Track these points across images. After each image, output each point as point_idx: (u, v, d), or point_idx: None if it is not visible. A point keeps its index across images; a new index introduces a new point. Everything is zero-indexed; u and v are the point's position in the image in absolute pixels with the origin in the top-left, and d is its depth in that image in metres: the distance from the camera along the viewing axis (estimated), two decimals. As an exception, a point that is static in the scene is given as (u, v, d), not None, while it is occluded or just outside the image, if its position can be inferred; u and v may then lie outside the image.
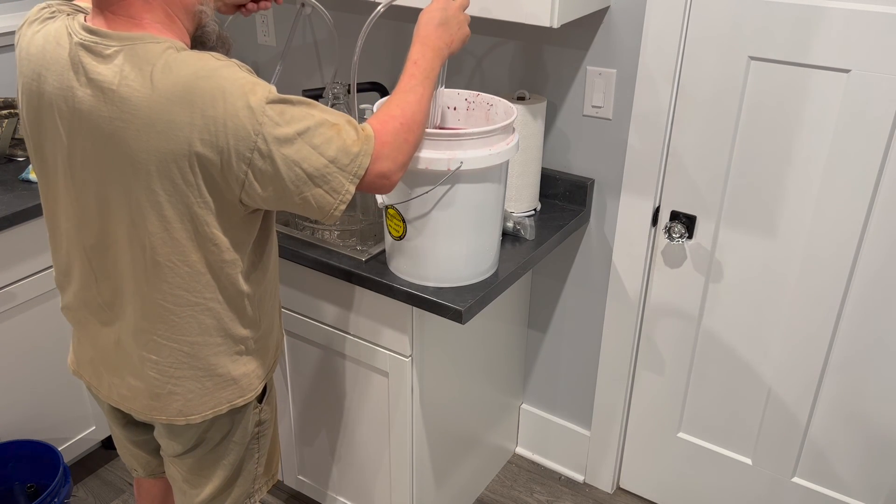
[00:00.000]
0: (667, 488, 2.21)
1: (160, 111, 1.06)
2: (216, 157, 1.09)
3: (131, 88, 1.06)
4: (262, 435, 1.47)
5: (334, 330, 1.79)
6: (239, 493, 1.49)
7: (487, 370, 2.06)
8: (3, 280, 1.90)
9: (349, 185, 1.17)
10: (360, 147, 1.17)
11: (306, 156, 1.12)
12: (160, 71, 1.06)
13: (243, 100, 1.07)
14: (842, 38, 1.53)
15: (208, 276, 1.21)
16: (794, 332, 1.81)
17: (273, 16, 2.32)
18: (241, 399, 1.35)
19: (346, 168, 1.16)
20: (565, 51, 1.85)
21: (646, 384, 2.11)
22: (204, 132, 1.07)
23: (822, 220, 1.68)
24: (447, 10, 1.36)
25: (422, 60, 1.31)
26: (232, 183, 1.12)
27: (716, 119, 1.73)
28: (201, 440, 1.38)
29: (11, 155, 2.11)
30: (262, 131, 1.08)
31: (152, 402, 1.31)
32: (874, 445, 1.83)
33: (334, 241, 1.84)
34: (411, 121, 1.25)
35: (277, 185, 1.13)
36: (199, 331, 1.26)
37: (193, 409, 1.32)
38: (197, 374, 1.29)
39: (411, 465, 1.83)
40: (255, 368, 1.36)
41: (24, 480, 2.00)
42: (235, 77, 1.09)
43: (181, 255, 1.18)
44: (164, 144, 1.07)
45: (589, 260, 2.03)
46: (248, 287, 1.28)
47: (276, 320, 1.44)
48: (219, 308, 1.25)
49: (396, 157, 1.23)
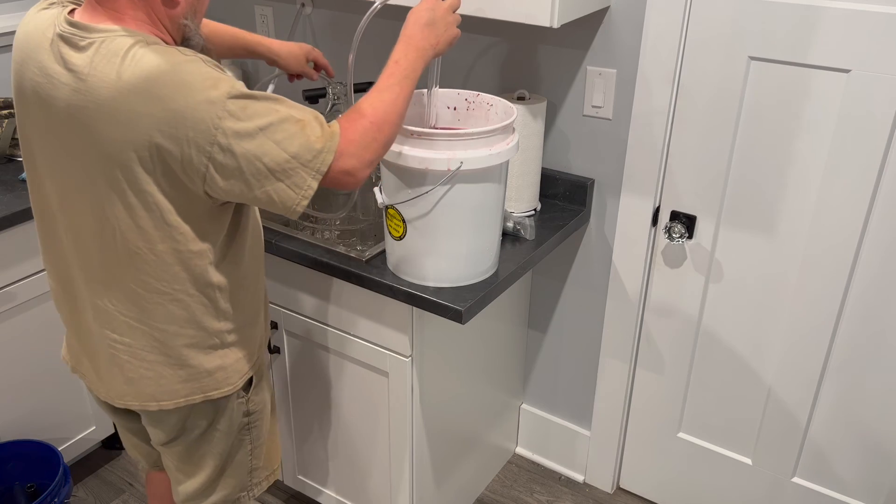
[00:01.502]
0: (667, 488, 2.21)
1: (123, 101, 1.09)
2: (176, 150, 1.11)
3: (98, 78, 1.10)
4: (252, 426, 1.48)
5: (334, 330, 1.79)
6: (233, 483, 1.50)
7: (487, 370, 2.06)
8: (3, 280, 1.90)
9: (311, 181, 1.18)
10: (324, 144, 1.18)
11: (267, 150, 1.14)
12: (127, 63, 1.09)
13: (204, 94, 1.10)
14: (842, 38, 1.53)
15: (176, 266, 1.23)
16: (794, 332, 1.81)
17: (273, 16, 2.32)
18: (216, 392, 1.36)
19: (308, 164, 1.17)
20: (565, 51, 1.85)
21: (646, 384, 2.11)
22: (164, 124, 1.10)
23: (822, 220, 1.68)
24: (435, 11, 1.36)
25: (403, 60, 1.31)
26: (193, 175, 1.14)
27: (716, 119, 1.73)
28: (184, 428, 1.40)
29: (11, 155, 2.11)
30: (221, 125, 1.10)
31: (126, 387, 1.34)
32: (874, 445, 1.83)
33: (334, 241, 1.84)
34: (382, 120, 1.25)
35: (238, 178, 1.15)
36: (169, 320, 1.28)
37: (165, 395, 1.33)
38: (169, 360, 1.31)
39: (411, 465, 1.83)
40: (233, 362, 1.37)
41: (24, 480, 2.00)
42: (198, 71, 1.11)
43: (148, 244, 1.20)
44: (127, 134, 1.11)
45: (589, 260, 2.03)
46: (220, 279, 1.29)
47: (259, 315, 1.44)
48: (188, 300, 1.27)
49: (362, 156, 1.23)
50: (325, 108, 1.97)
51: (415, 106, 1.62)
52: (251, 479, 1.53)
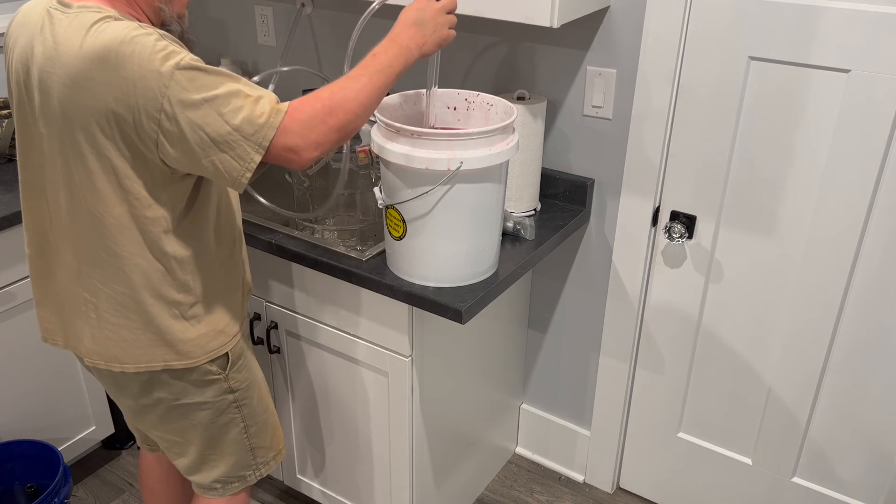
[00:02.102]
0: (667, 488, 2.21)
1: (83, 69, 1.16)
2: (129, 116, 1.17)
3: (66, 48, 1.17)
4: (241, 404, 1.50)
5: (334, 330, 1.79)
6: (233, 461, 1.55)
7: (487, 370, 2.06)
8: (3, 280, 1.90)
9: (254, 154, 1.21)
10: (267, 119, 1.21)
11: (211, 122, 1.18)
12: (90, 34, 1.16)
13: (153, 64, 1.15)
14: (842, 38, 1.53)
15: (133, 230, 1.28)
16: (794, 332, 1.81)
17: (273, 16, 2.32)
18: (178, 363, 1.39)
19: (250, 137, 1.20)
20: (565, 51, 1.85)
21: (646, 384, 2.11)
22: (118, 91, 1.16)
23: (823, 220, 1.68)
24: (424, 11, 1.36)
25: (382, 55, 1.32)
26: (147, 141, 1.20)
27: (716, 119, 1.73)
28: (146, 398, 1.43)
29: (11, 155, 2.11)
30: (167, 93, 1.15)
31: (93, 345, 1.38)
32: (874, 445, 1.83)
33: (334, 241, 1.84)
34: (337, 105, 1.26)
35: (184, 146, 1.20)
36: (128, 285, 1.32)
37: (128, 358, 1.37)
38: (130, 324, 1.35)
39: (411, 465, 1.83)
40: (195, 337, 1.39)
41: (24, 480, 2.00)
42: (152, 44, 1.16)
43: (106, 207, 1.26)
44: (87, 101, 1.17)
45: (589, 260, 2.03)
46: (176, 249, 1.33)
47: (232, 296, 1.46)
48: (146, 266, 1.31)
49: (307, 135, 1.24)
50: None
51: (415, 105, 1.63)
52: (254, 457, 1.57)
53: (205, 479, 1.56)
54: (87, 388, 2.18)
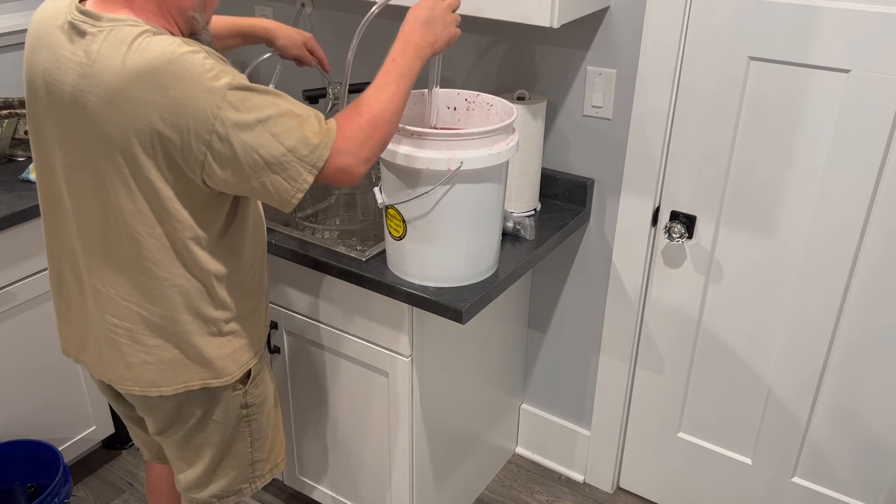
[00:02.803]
0: (667, 488, 2.21)
1: (127, 88, 1.12)
2: (176, 137, 1.14)
3: (104, 65, 1.13)
4: (251, 419, 1.49)
5: (334, 330, 1.79)
6: (234, 474, 1.52)
7: (487, 370, 2.06)
8: (3, 280, 1.90)
9: (307, 174, 1.20)
10: (321, 139, 1.20)
11: (264, 142, 1.16)
12: (133, 50, 1.12)
13: (205, 84, 1.12)
14: (842, 38, 1.53)
15: (174, 251, 1.26)
16: (794, 332, 1.82)
17: (273, 16, 2.32)
18: (215, 381, 1.38)
19: (304, 158, 1.19)
20: (565, 51, 1.85)
21: (646, 384, 2.11)
22: (165, 112, 1.12)
23: (822, 219, 1.68)
24: (434, 10, 1.37)
25: (401, 58, 1.32)
26: (192, 163, 1.17)
27: (716, 119, 1.73)
28: (178, 416, 1.41)
29: (11, 155, 2.11)
30: (220, 115, 1.13)
31: (126, 371, 1.35)
32: (874, 445, 1.83)
33: (334, 241, 1.84)
34: (378, 118, 1.26)
35: (235, 168, 1.17)
36: (167, 305, 1.30)
37: (164, 381, 1.35)
38: (167, 346, 1.33)
39: (411, 465, 1.83)
40: (230, 352, 1.38)
41: (24, 480, 2.00)
42: (201, 61, 1.13)
43: (147, 228, 1.23)
44: (130, 120, 1.13)
45: (589, 260, 2.03)
46: (217, 267, 1.31)
47: (259, 309, 1.46)
48: (186, 285, 1.29)
49: (358, 153, 1.25)
50: (324, 108, 1.98)
51: (415, 105, 1.63)
52: (253, 470, 1.55)
53: (204, 494, 1.52)
54: (87, 388, 2.18)
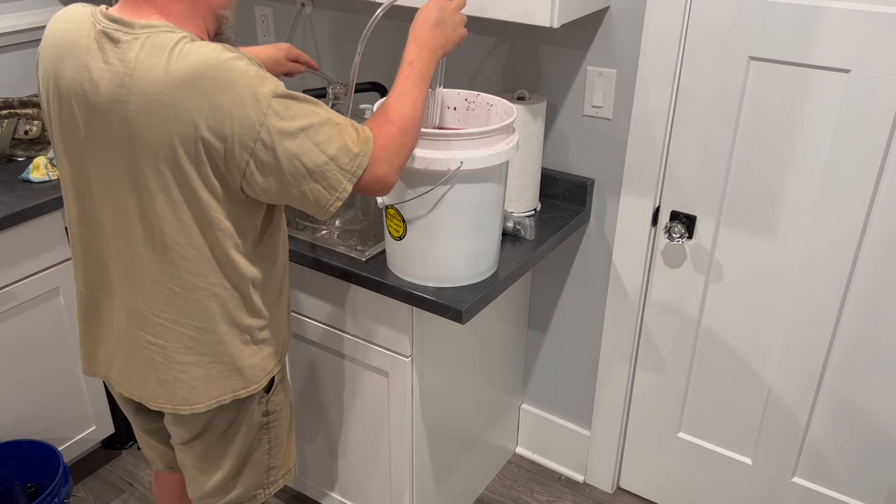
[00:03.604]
0: (667, 488, 2.21)
1: (170, 95, 1.10)
2: (220, 144, 1.13)
3: (145, 73, 1.11)
4: (271, 426, 1.49)
5: (334, 330, 1.79)
6: (250, 482, 1.51)
7: (487, 370, 2.06)
8: (3, 280, 1.90)
9: (347, 183, 1.21)
10: (361, 148, 1.21)
11: (307, 151, 1.16)
12: (174, 57, 1.10)
13: (250, 90, 1.11)
14: (842, 38, 1.53)
15: (214, 261, 1.25)
16: (794, 332, 1.81)
17: (273, 16, 2.32)
18: (244, 390, 1.38)
19: (345, 167, 1.20)
20: (565, 51, 1.85)
21: (646, 384, 2.11)
22: (210, 118, 1.11)
23: (822, 220, 1.68)
24: (443, 11, 1.37)
25: (417, 62, 1.33)
26: (234, 170, 1.16)
27: (716, 119, 1.73)
28: (207, 428, 1.41)
29: (11, 155, 2.11)
30: (266, 122, 1.12)
31: (159, 388, 1.34)
32: (874, 445, 1.83)
33: (334, 241, 1.84)
34: (407, 125, 1.28)
35: (277, 176, 1.17)
36: (204, 316, 1.29)
37: (198, 398, 1.34)
38: (202, 360, 1.32)
39: (411, 465, 1.83)
40: (260, 360, 1.38)
41: (24, 480, 2.00)
42: (245, 69, 1.12)
43: (188, 238, 1.21)
44: (173, 127, 1.12)
45: (589, 260, 2.03)
46: (254, 275, 1.31)
47: (285, 315, 1.46)
48: (224, 294, 1.28)
49: (393, 162, 1.26)
50: (325, 108, 1.97)
51: (415, 106, 1.62)
52: (268, 477, 1.55)
53: (220, 502, 1.51)
54: (87, 388, 2.18)
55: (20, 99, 2.12)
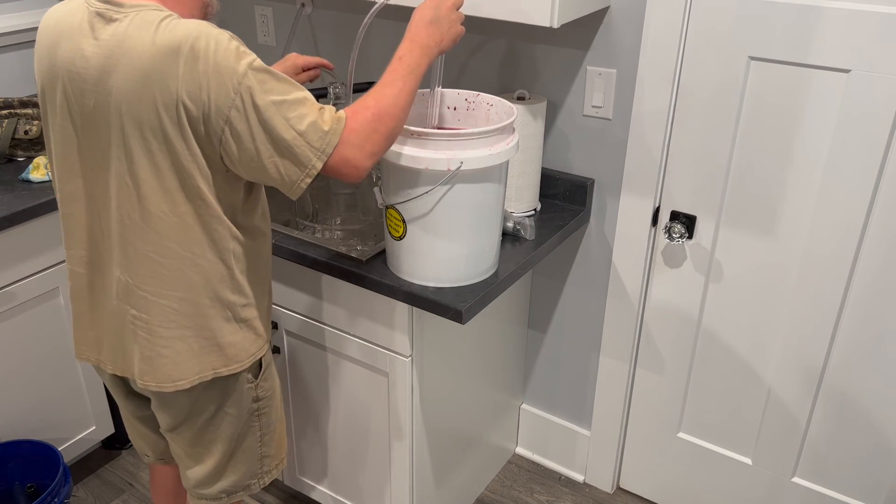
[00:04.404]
0: (667, 488, 2.21)
1: (156, 63, 1.16)
2: (198, 112, 1.18)
3: (132, 44, 1.17)
4: (262, 413, 1.50)
5: (334, 330, 1.79)
6: (243, 470, 1.53)
7: (487, 370, 2.06)
8: (3, 280, 1.90)
9: (316, 160, 1.23)
10: (331, 126, 1.23)
11: (278, 125, 1.20)
12: (161, 30, 1.17)
13: (228, 62, 1.16)
14: (842, 38, 1.53)
15: (198, 229, 1.28)
16: (795, 332, 1.82)
17: (273, 16, 2.32)
18: (225, 368, 1.39)
19: (314, 144, 1.22)
20: (565, 51, 1.85)
21: (646, 384, 2.11)
22: (189, 85, 1.16)
23: (823, 220, 1.68)
24: (439, 9, 1.38)
25: (407, 57, 1.34)
26: (213, 138, 1.20)
27: (716, 119, 1.73)
28: (192, 411, 1.43)
29: (11, 155, 2.11)
30: (241, 92, 1.17)
31: (144, 365, 1.37)
32: (874, 445, 1.83)
33: (334, 241, 1.84)
34: (384, 112, 1.28)
35: (249, 146, 1.21)
36: (187, 287, 1.31)
37: (181, 374, 1.36)
38: (184, 333, 1.34)
39: (411, 465, 1.83)
40: (241, 340, 1.40)
41: (24, 480, 2.00)
42: (227, 41, 1.18)
43: (171, 206, 1.25)
44: (157, 94, 1.17)
45: (589, 260, 2.03)
46: (236, 247, 1.34)
47: (265, 298, 1.47)
48: (206, 266, 1.31)
49: (363, 146, 1.27)
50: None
51: (417, 105, 1.63)
52: (261, 466, 1.56)
53: (213, 490, 1.53)
54: (87, 388, 2.18)
55: (20, 99, 2.12)
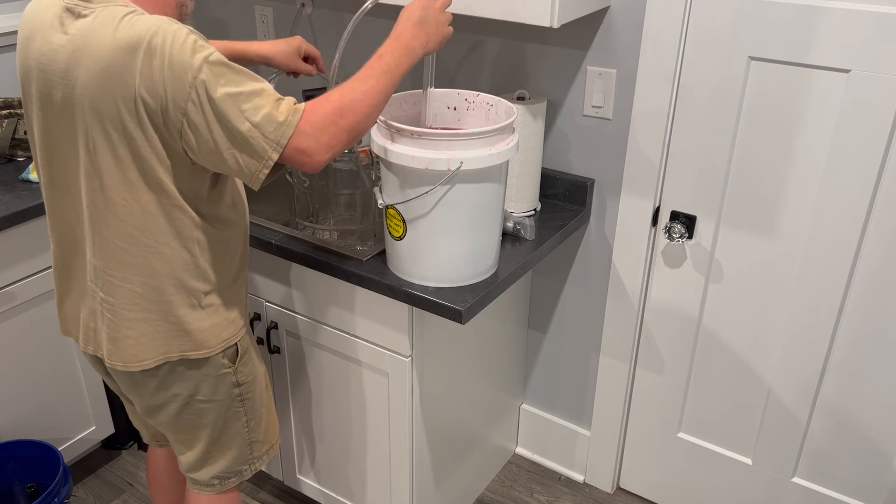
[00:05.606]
0: (667, 488, 2.21)
1: (115, 58, 1.18)
2: (156, 106, 1.20)
3: (96, 39, 1.20)
4: (245, 398, 1.52)
5: (334, 330, 1.79)
6: (234, 456, 1.56)
7: (487, 370, 2.06)
8: (3, 280, 1.90)
9: (272, 151, 1.24)
10: (287, 118, 1.24)
11: (233, 117, 1.21)
12: (122, 25, 1.19)
13: (184, 56, 1.18)
14: (842, 38, 1.53)
15: (160, 218, 1.30)
16: (794, 332, 1.82)
17: (273, 16, 2.32)
18: (194, 352, 1.41)
19: (269, 135, 1.23)
20: (565, 51, 1.85)
21: (646, 384, 2.11)
22: (147, 80, 1.18)
23: (823, 220, 1.68)
24: (427, 10, 1.38)
25: (388, 55, 1.34)
26: (173, 131, 1.22)
27: (716, 119, 1.73)
28: (162, 396, 1.45)
29: (11, 155, 2.11)
30: (196, 86, 1.18)
31: (111, 345, 1.39)
32: (874, 446, 1.83)
33: (334, 241, 1.84)
34: (347, 107, 1.28)
35: (207, 138, 1.22)
36: (150, 273, 1.34)
37: (146, 354, 1.38)
38: (149, 316, 1.36)
39: (411, 465, 1.83)
40: (209, 326, 1.41)
41: (24, 480, 2.00)
42: (184, 36, 1.19)
43: (133, 195, 1.28)
44: (116, 88, 1.19)
45: (589, 260, 2.03)
46: (199, 236, 1.35)
47: (239, 289, 1.49)
48: (170, 254, 1.33)
49: (320, 137, 1.26)
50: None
51: (415, 106, 1.63)
52: (251, 451, 1.59)
53: (204, 475, 1.57)
54: (87, 388, 2.18)
55: (20, 99, 2.12)
